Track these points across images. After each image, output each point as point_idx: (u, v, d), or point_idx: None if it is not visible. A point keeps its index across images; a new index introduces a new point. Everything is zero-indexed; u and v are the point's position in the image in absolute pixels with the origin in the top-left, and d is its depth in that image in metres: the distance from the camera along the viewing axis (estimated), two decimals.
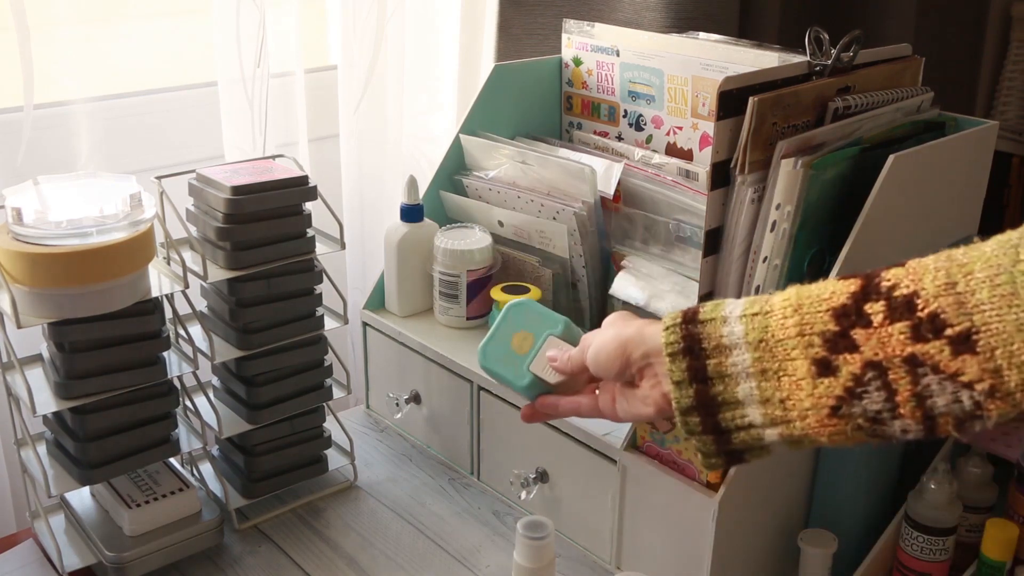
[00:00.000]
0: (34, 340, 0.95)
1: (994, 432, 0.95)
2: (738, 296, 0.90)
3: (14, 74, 1.03)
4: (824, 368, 0.60)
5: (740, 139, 0.88)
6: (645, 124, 1.17)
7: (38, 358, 0.95)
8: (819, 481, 0.94)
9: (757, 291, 0.89)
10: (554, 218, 1.09)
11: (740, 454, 0.66)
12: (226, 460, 1.06)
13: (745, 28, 1.51)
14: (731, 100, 0.87)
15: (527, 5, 1.33)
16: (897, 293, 0.59)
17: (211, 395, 1.02)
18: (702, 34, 1.18)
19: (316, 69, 1.33)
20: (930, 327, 0.57)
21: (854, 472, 0.91)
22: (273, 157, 1.03)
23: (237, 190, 0.92)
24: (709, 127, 1.08)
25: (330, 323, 1.03)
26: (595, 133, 1.22)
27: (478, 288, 1.13)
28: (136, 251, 0.86)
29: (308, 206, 0.98)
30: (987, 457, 0.92)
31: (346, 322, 1.04)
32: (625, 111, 1.18)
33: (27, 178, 0.90)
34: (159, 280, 0.92)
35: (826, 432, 0.61)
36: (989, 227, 1.04)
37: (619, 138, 1.19)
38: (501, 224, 1.14)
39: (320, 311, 1.02)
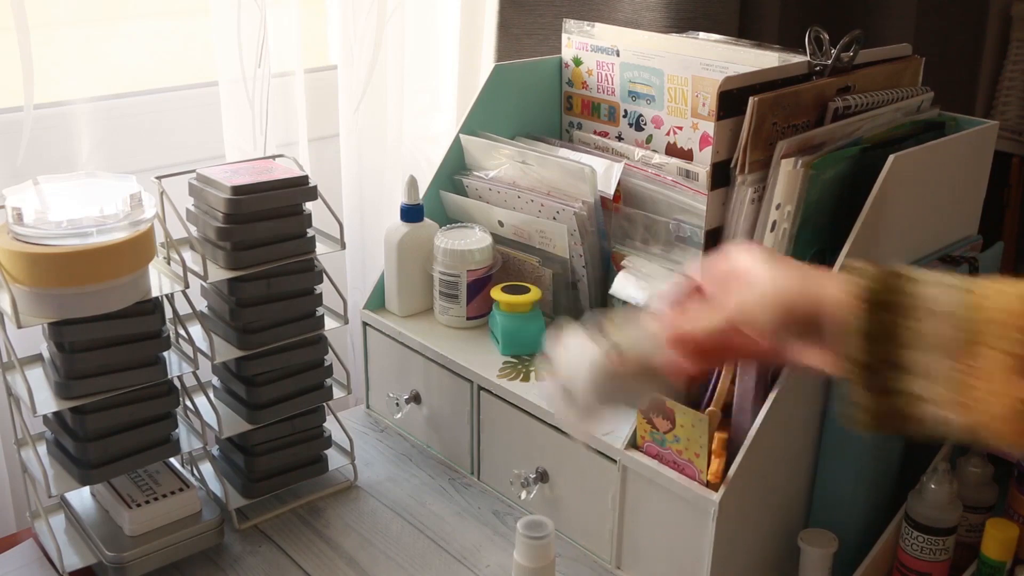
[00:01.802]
0: (34, 340, 0.95)
1: None
2: None
3: (14, 74, 1.03)
4: None
5: (740, 139, 0.88)
6: (645, 124, 1.17)
7: (38, 358, 0.95)
8: (819, 481, 0.94)
9: None
10: (554, 218, 1.09)
11: (901, 424, 0.61)
12: (226, 460, 1.06)
13: (745, 28, 1.51)
14: (731, 100, 0.87)
15: (527, 5, 1.33)
16: None
17: (211, 395, 1.02)
18: (702, 34, 1.18)
19: (316, 69, 1.33)
20: None
21: (854, 472, 0.91)
22: (273, 157, 1.03)
23: (237, 190, 0.92)
24: (709, 127, 1.08)
25: (330, 323, 1.03)
26: (595, 133, 1.22)
27: (478, 288, 1.13)
28: (136, 251, 0.86)
29: (308, 206, 0.98)
30: (987, 457, 0.92)
31: (346, 322, 1.04)
32: (625, 111, 1.18)
33: (27, 178, 0.90)
34: (159, 280, 0.92)
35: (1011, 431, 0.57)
36: (989, 227, 1.05)
37: (619, 138, 1.19)
38: (501, 224, 1.14)
39: (320, 311, 1.02)
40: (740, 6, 1.48)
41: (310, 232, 0.99)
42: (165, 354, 0.93)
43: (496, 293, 1.10)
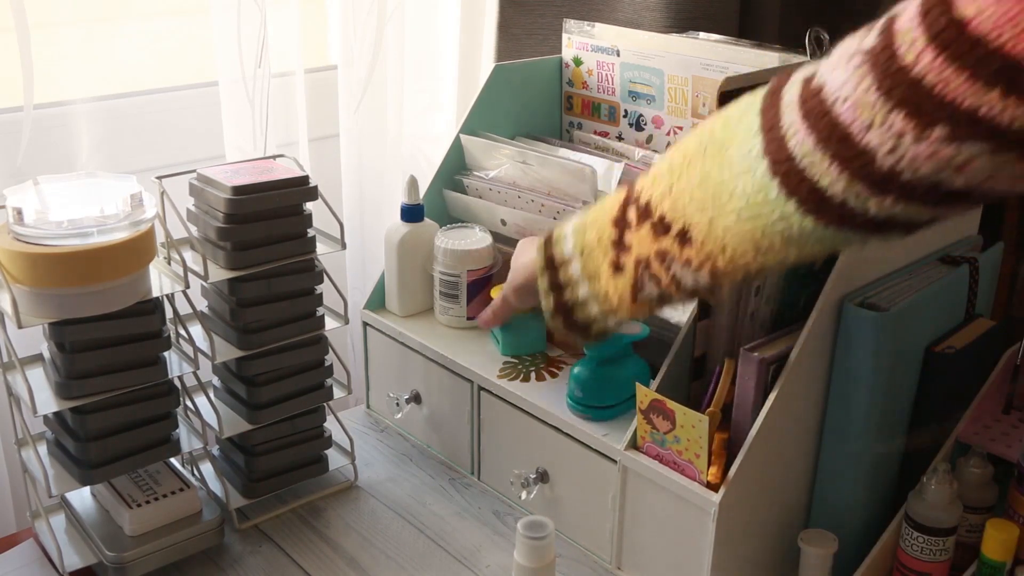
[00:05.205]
0: (35, 340, 0.95)
1: (994, 432, 0.96)
2: (738, 301, 0.90)
3: (14, 74, 1.03)
4: (616, 268, 0.75)
5: None
6: (645, 124, 1.17)
7: (39, 358, 0.95)
8: (819, 481, 0.94)
9: (757, 292, 0.89)
10: (555, 218, 1.09)
11: (603, 336, 0.82)
12: (226, 460, 1.06)
13: (745, 28, 1.51)
14: (731, 100, 0.87)
15: (527, 5, 1.33)
16: (642, 199, 0.72)
17: (211, 395, 1.02)
18: (702, 34, 1.19)
19: (316, 69, 1.33)
20: (661, 227, 0.70)
21: (854, 472, 0.91)
22: (274, 157, 1.03)
23: (238, 190, 0.92)
24: None
25: (330, 323, 1.03)
26: (595, 133, 1.22)
27: (478, 288, 1.13)
28: (137, 251, 0.86)
29: (308, 206, 0.98)
30: (987, 457, 0.92)
31: (346, 322, 1.04)
32: (625, 111, 1.18)
33: (27, 178, 0.90)
34: (159, 280, 0.92)
35: (640, 314, 0.76)
36: (989, 227, 1.04)
37: (619, 138, 1.19)
38: (504, 223, 1.14)
39: (320, 311, 1.02)
40: (740, 6, 1.48)
41: (310, 232, 0.99)
42: (165, 354, 0.93)
43: (496, 293, 1.10)
